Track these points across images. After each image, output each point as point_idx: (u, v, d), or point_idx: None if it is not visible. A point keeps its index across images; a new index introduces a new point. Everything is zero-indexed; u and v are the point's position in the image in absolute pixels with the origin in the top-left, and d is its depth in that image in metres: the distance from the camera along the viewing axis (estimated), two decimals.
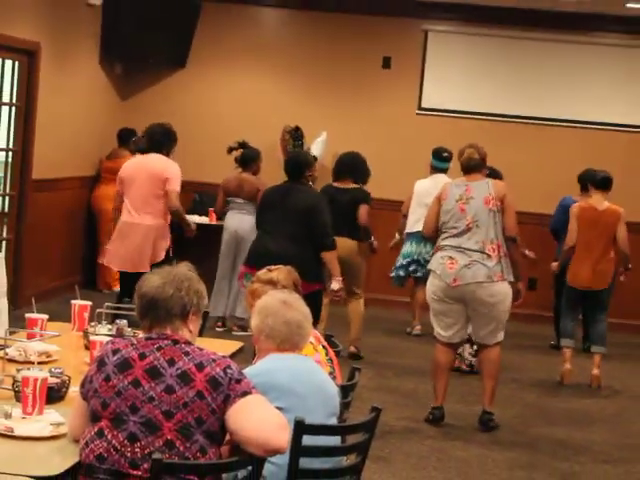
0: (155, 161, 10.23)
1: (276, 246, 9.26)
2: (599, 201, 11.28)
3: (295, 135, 14.38)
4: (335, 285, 9.41)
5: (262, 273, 6.28)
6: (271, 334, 5.13)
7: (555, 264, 11.71)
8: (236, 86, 15.39)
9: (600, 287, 11.34)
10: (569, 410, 10.44)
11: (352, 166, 11.21)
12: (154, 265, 9.39)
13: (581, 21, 14.66)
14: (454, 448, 8.79)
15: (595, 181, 11.49)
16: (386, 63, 15.36)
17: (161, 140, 10.33)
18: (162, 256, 10.03)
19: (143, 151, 10.52)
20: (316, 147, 13.32)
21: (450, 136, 13.62)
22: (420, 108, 15.34)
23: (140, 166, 10.32)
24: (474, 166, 9.14)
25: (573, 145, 14.65)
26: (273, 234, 9.53)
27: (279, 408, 4.52)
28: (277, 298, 5.27)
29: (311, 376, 5.16)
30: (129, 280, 9.63)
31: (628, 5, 13.80)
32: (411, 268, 11.92)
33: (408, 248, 12.12)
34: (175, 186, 10.12)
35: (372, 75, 15.32)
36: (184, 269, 4.53)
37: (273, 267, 6.33)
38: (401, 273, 12.01)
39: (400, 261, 12.08)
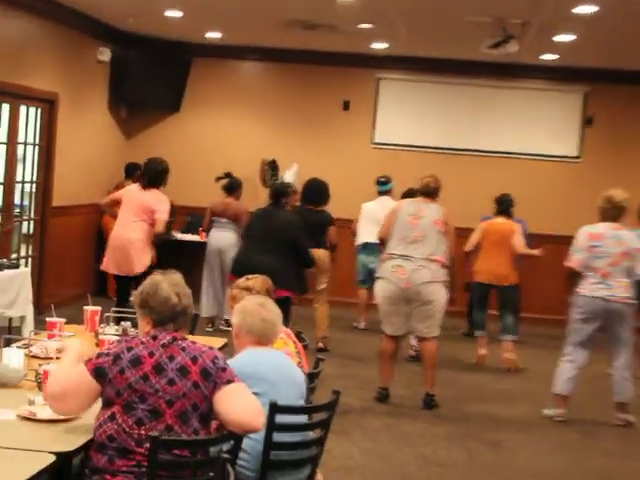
0: (151, 197, 10.24)
1: (256, 258, 9.41)
2: (499, 219, 11.63)
3: (272, 167, 14.42)
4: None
5: (241, 281, 6.33)
6: (250, 330, 5.21)
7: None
8: (222, 127, 15.45)
9: (503, 284, 11.53)
10: (496, 390, 10.51)
11: (317, 192, 11.25)
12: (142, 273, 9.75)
13: (506, 70, 14.71)
14: (402, 423, 8.84)
15: (500, 203, 11.80)
16: (346, 106, 15.44)
17: (157, 177, 10.38)
18: (146, 265, 10.12)
19: (146, 184, 10.33)
20: (289, 176, 13.36)
21: (399, 165, 13.76)
22: (374, 143, 15.41)
23: (139, 197, 10.30)
24: (430, 192, 9.36)
25: (501, 171, 14.71)
26: (254, 248, 9.68)
27: (255, 393, 4.59)
28: (254, 301, 5.35)
29: (282, 367, 5.23)
30: (123, 284, 10.18)
31: (541, 57, 13.93)
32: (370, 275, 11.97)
33: (362, 259, 12.18)
34: (163, 215, 10.20)
35: (334, 116, 15.40)
36: (176, 276, 4.57)
37: (251, 276, 6.38)
38: (368, 282, 12.11)
39: (363, 272, 12.18)
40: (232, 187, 12.57)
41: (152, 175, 10.42)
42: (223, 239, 12.07)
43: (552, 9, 10.39)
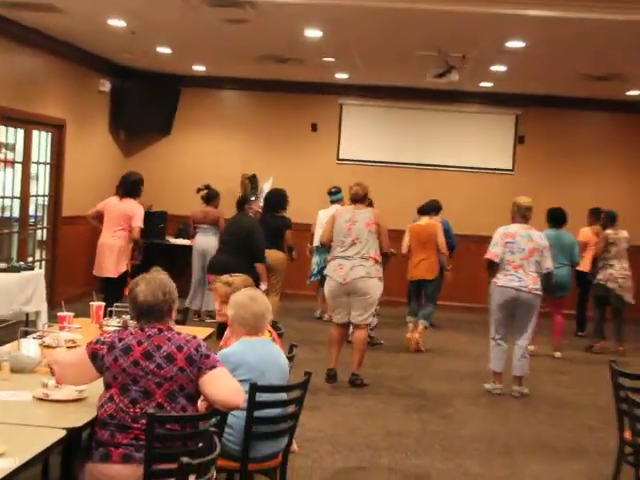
0: (127, 207, 10.45)
1: (223, 258, 9.75)
2: (424, 220, 11.65)
3: (252, 180, 14.39)
4: (262, 287, 9.44)
5: (225, 277, 6.30)
6: (243, 322, 5.21)
7: None
8: (207, 146, 15.43)
9: (428, 277, 11.56)
10: (445, 369, 10.52)
11: (276, 200, 11.30)
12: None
13: (450, 96, 14.76)
14: (366, 399, 8.84)
15: (420, 209, 11.92)
16: (314, 127, 15.44)
17: (132, 188, 10.58)
18: (124, 268, 10.49)
19: (123, 193, 10.62)
20: (266, 188, 13.33)
21: (360, 178, 13.63)
22: (338, 159, 15.43)
23: (117, 207, 10.53)
24: (359, 199, 9.41)
25: (448, 182, 14.76)
26: (222, 249, 10.11)
27: (246, 380, 4.72)
28: (246, 295, 5.33)
29: (271, 357, 5.21)
30: (107, 285, 10.54)
31: (479, 84, 13.98)
32: (321, 272, 11.96)
33: (315, 258, 12.18)
34: (139, 223, 10.37)
35: (304, 136, 15.41)
36: (161, 275, 4.59)
37: (234, 275, 6.36)
38: (317, 277, 12.08)
39: (315, 269, 12.15)
40: (210, 197, 12.59)
41: (127, 186, 10.60)
42: (205, 242, 12.10)
43: (487, 44, 10.45)
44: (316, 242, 12.27)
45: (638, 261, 12.68)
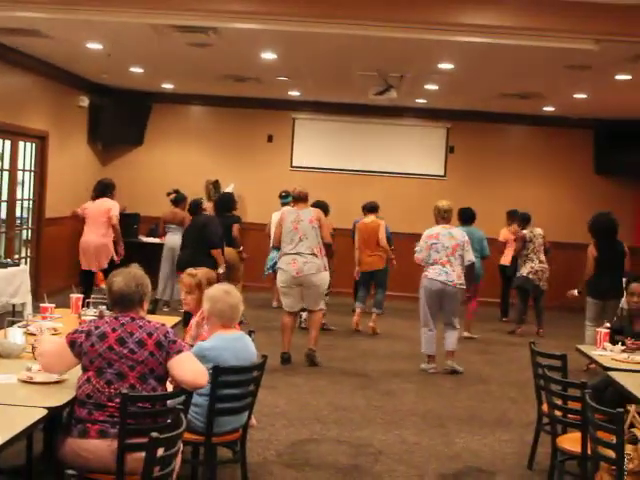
0: (102, 202, 10.95)
1: (186, 255, 9.73)
2: (369, 218, 11.67)
3: (215, 185, 14.33)
4: (220, 270, 9.53)
5: (189, 270, 6.27)
6: (219, 314, 5.18)
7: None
8: (176, 155, 15.31)
9: (375, 268, 11.63)
10: (386, 352, 10.52)
11: (225, 202, 11.41)
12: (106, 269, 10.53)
13: (389, 111, 14.79)
14: (318, 379, 8.83)
15: (364, 207, 11.92)
16: (270, 139, 15.39)
17: (104, 190, 11.06)
18: (105, 263, 10.79)
19: (96, 196, 11.15)
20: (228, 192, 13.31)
21: (311, 183, 13.64)
22: (292, 166, 15.38)
23: (95, 206, 11.01)
24: (302, 198, 9.48)
25: (387, 186, 14.79)
26: (186, 247, 9.98)
27: None
28: (221, 289, 5.30)
29: (244, 351, 5.18)
30: (87, 277, 10.98)
31: (415, 101, 14.02)
32: (274, 267, 11.91)
33: (272, 255, 12.07)
34: (115, 213, 10.89)
35: (261, 146, 15.35)
36: (137, 270, 4.58)
37: (198, 268, 6.31)
38: (270, 270, 12.00)
39: (269, 264, 12.06)
40: (178, 200, 12.51)
41: (100, 188, 11.13)
42: (174, 240, 11.96)
43: (421, 66, 10.48)
44: (271, 242, 12.24)
45: (554, 254, 12.86)
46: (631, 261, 10.13)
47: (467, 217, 11.24)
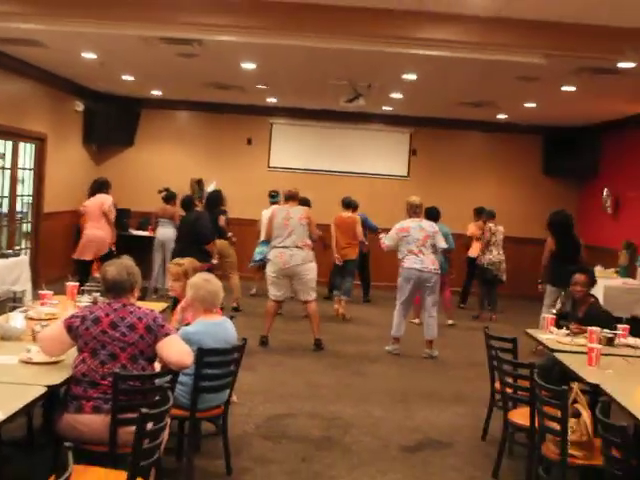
0: (98, 198, 10.97)
1: (178, 249, 9.59)
2: (346, 213, 11.81)
3: (199, 183, 14.22)
4: (214, 261, 9.80)
5: (175, 260, 6.28)
6: (201, 300, 5.18)
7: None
8: (163, 156, 15.24)
9: (348, 258, 11.74)
10: (356, 335, 10.54)
11: (215, 199, 11.28)
12: (103, 257, 10.49)
13: (358, 117, 14.79)
14: (294, 360, 8.85)
15: (342, 203, 12.02)
16: (249, 142, 15.33)
17: (100, 187, 11.13)
18: (105, 251, 10.65)
19: (92, 193, 11.23)
20: (211, 189, 13.22)
21: (287, 183, 13.60)
22: (269, 167, 15.34)
23: (93, 202, 10.99)
24: (293, 197, 9.49)
25: (357, 185, 14.78)
26: (179, 241, 9.90)
27: None
28: (202, 278, 5.30)
29: (224, 335, 5.16)
30: (83, 266, 10.82)
31: (382, 108, 14.04)
32: (262, 259, 11.86)
33: (259, 249, 12.00)
34: (108, 203, 10.87)
35: (241, 148, 15.30)
36: (128, 260, 4.57)
37: (184, 258, 6.31)
38: (256, 263, 11.95)
39: (257, 256, 12.00)
40: (169, 197, 12.62)
41: (96, 186, 11.22)
42: (165, 233, 12.08)
43: (387, 76, 10.49)
44: (262, 237, 12.16)
45: (510, 248, 12.98)
46: (585, 252, 10.21)
47: (433, 215, 11.28)
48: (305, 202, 10.78)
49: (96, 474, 3.82)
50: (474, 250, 12.91)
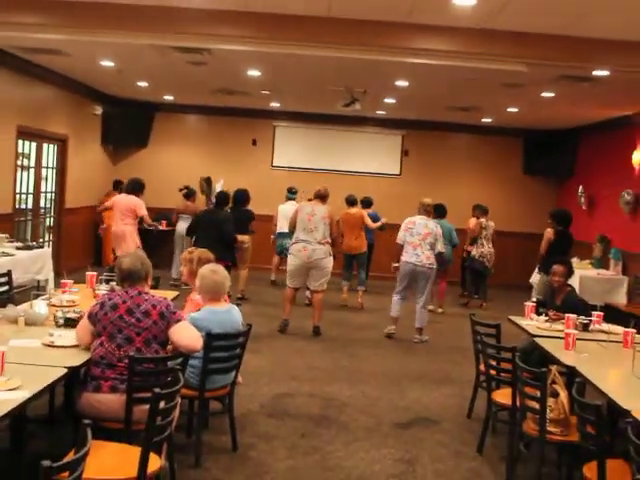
0: (131, 199, 10.15)
1: (206, 245, 8.93)
2: (352, 209, 11.77)
3: (207, 181, 14.19)
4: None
5: (190, 249, 6.21)
6: (208, 291, 5.16)
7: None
8: (175, 156, 15.21)
9: (359, 251, 11.70)
10: (354, 321, 10.53)
11: (241, 197, 11.01)
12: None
13: (354, 120, 14.75)
14: (295, 344, 8.85)
15: (346, 201, 11.95)
16: (254, 143, 15.28)
17: (135, 187, 10.28)
18: (135, 246, 9.90)
19: (127, 192, 10.34)
20: (218, 187, 13.19)
21: (289, 181, 13.67)
22: (272, 166, 15.31)
23: (124, 200, 10.23)
24: (321, 197, 9.35)
25: (354, 183, 14.75)
26: (204, 238, 9.24)
27: None
28: (209, 269, 5.25)
29: (230, 322, 5.14)
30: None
31: (376, 112, 14.02)
32: (282, 252, 11.76)
33: (279, 242, 11.94)
34: (144, 212, 10.12)
35: (247, 149, 15.27)
36: (141, 253, 4.59)
37: (194, 248, 6.25)
38: (282, 254, 11.84)
39: (279, 249, 11.91)
40: (189, 194, 12.71)
41: (131, 186, 10.33)
42: (184, 227, 11.91)
43: (381, 83, 10.47)
44: (278, 229, 12.08)
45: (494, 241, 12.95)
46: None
47: (439, 212, 11.31)
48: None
49: (112, 449, 3.82)
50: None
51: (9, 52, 9.93)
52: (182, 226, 12.17)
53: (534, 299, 7.33)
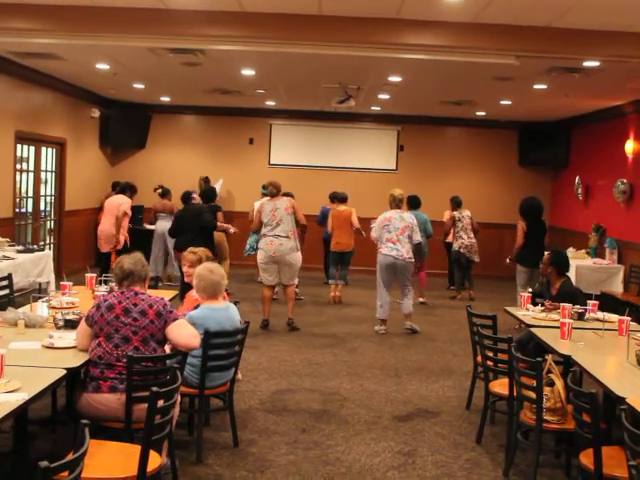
0: (118, 198, 10.98)
1: (187, 239, 8.79)
2: (340, 206, 11.66)
3: (206, 180, 14.19)
4: (231, 230, 10.18)
5: (191, 248, 6.22)
6: (205, 290, 5.15)
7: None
8: (173, 156, 15.20)
9: (347, 250, 11.62)
10: (349, 317, 10.52)
11: (209, 193, 10.82)
12: (119, 251, 10.51)
13: (349, 117, 14.76)
14: (293, 340, 8.84)
15: (336, 198, 11.93)
16: (251, 141, 15.28)
17: (125, 188, 11.17)
18: (121, 245, 10.70)
19: (116, 192, 11.15)
20: (217, 186, 13.19)
21: (285, 178, 13.61)
22: (269, 164, 15.28)
23: (112, 200, 11.07)
24: (276, 193, 9.30)
25: (350, 179, 14.78)
26: (186, 232, 9.18)
27: None
28: (206, 268, 5.25)
29: (228, 320, 5.14)
30: (101, 257, 11.13)
31: (371, 108, 14.00)
32: (255, 249, 11.67)
33: (251, 239, 11.84)
34: (125, 208, 10.81)
35: (244, 148, 15.25)
36: (140, 255, 4.57)
37: (196, 248, 6.26)
38: (251, 252, 11.76)
39: (249, 245, 11.84)
40: (164, 193, 12.47)
41: (122, 187, 11.24)
42: (165, 226, 11.78)
43: (375, 79, 10.45)
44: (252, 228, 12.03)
45: (487, 231, 12.95)
46: (549, 236, 10.30)
47: (414, 203, 11.30)
48: (289, 196, 10.77)
49: (113, 448, 3.82)
50: (451, 236, 12.90)
51: (5, 57, 9.93)
52: (161, 225, 12.10)
53: (529, 289, 7.33)
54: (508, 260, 10.16)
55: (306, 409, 6.26)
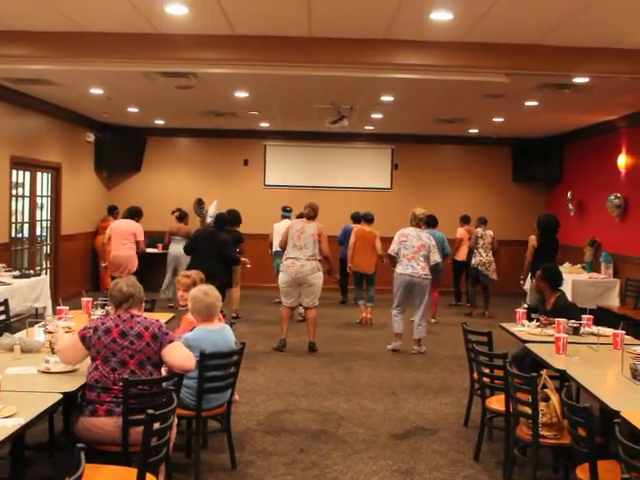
0: (131, 224, 10.68)
1: (204, 263, 8.53)
2: (366, 227, 11.55)
3: (199, 202, 14.30)
4: (247, 265, 10.45)
5: (184, 272, 6.26)
6: (199, 312, 5.16)
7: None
8: (168, 179, 15.25)
9: (370, 271, 11.51)
10: (351, 336, 10.54)
11: (233, 218, 10.94)
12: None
13: (343, 136, 14.84)
14: (291, 360, 8.84)
15: (364, 218, 11.78)
16: (246, 162, 15.34)
17: (133, 212, 10.90)
18: (133, 270, 10.30)
19: (124, 217, 10.89)
20: (212, 208, 13.22)
21: (281, 199, 13.71)
22: (264, 185, 15.35)
23: (123, 225, 10.73)
24: (311, 217, 9.32)
25: (346, 198, 14.84)
26: (203, 256, 9.14)
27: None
28: (201, 290, 5.26)
29: (223, 341, 5.13)
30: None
31: (364, 127, 14.07)
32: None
33: (277, 261, 11.69)
34: (141, 237, 10.58)
35: (239, 169, 15.32)
36: (134, 279, 4.58)
37: (189, 272, 6.29)
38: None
39: (276, 268, 11.69)
40: (181, 217, 12.71)
41: (131, 212, 10.91)
42: (178, 249, 11.86)
43: (367, 99, 10.52)
44: (275, 247, 11.76)
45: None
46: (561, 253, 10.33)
47: (430, 221, 11.34)
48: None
49: (109, 471, 3.82)
50: (461, 253, 12.98)
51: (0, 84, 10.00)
52: (175, 248, 12.21)
53: (525, 305, 7.35)
54: (522, 280, 10.10)
55: (304, 429, 6.25)
